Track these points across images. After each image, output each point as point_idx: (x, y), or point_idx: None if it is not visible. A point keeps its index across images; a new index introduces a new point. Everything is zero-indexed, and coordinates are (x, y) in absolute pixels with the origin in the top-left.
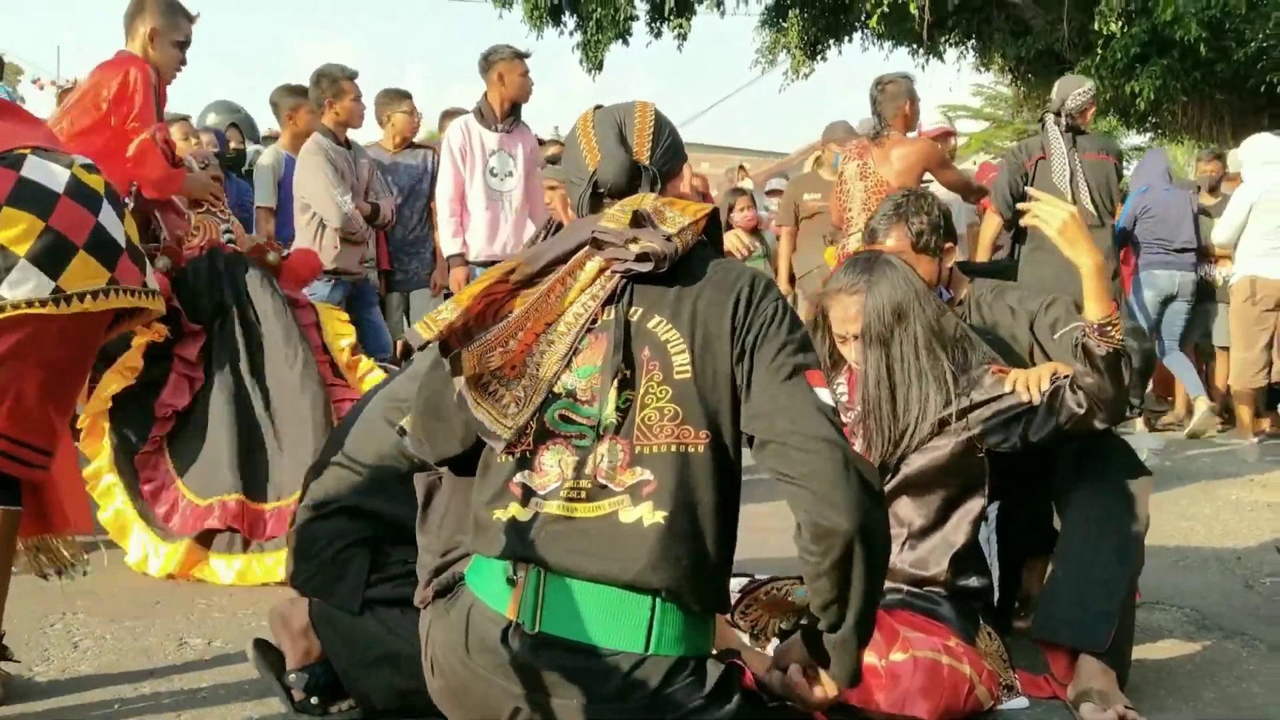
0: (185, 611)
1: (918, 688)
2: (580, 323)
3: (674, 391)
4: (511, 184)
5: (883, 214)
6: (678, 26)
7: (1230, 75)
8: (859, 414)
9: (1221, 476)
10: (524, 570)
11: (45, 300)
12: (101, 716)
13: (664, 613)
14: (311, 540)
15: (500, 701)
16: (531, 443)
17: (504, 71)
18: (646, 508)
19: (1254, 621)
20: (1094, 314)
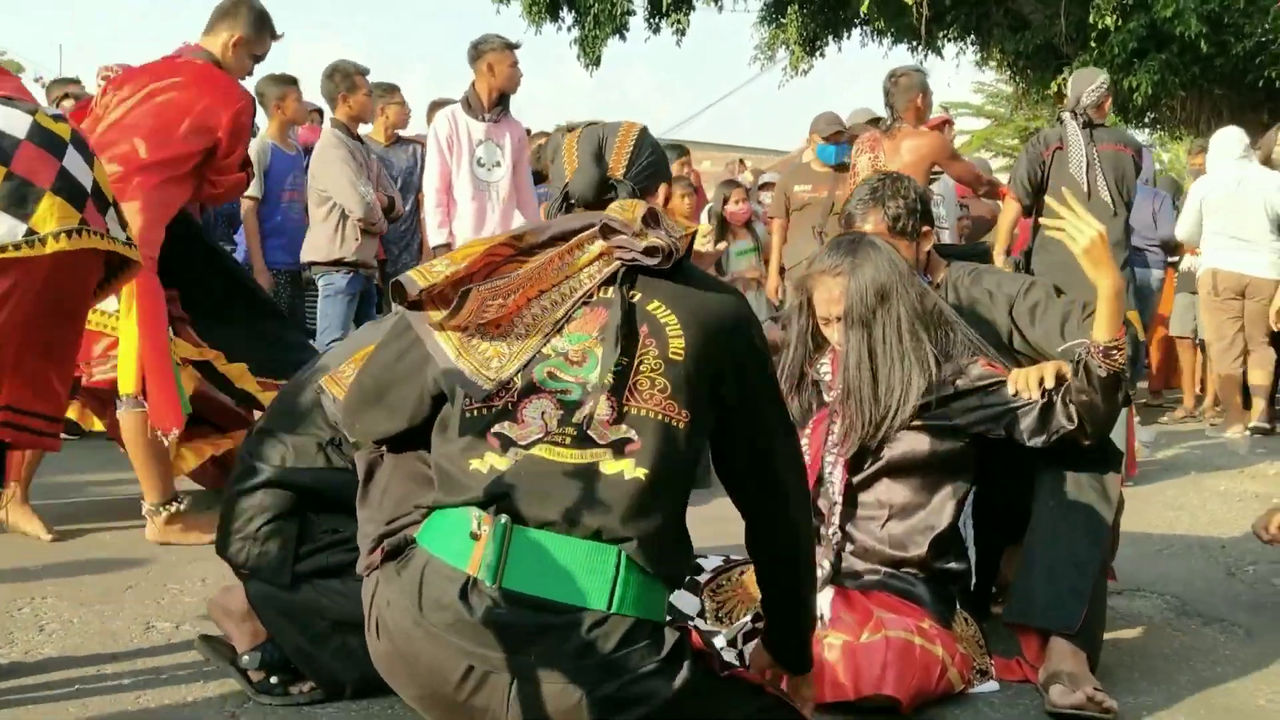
0: (156, 596)
1: (890, 667)
2: (575, 296)
3: (666, 368)
4: (499, 174)
5: (859, 198)
6: (676, 22)
7: (1229, 70)
8: (839, 395)
9: (1211, 468)
10: (488, 525)
11: (19, 243)
12: (60, 697)
13: (628, 572)
14: (237, 514)
15: (452, 662)
16: (515, 397)
17: (493, 62)
18: (628, 464)
19: (1234, 608)
20: (1102, 335)
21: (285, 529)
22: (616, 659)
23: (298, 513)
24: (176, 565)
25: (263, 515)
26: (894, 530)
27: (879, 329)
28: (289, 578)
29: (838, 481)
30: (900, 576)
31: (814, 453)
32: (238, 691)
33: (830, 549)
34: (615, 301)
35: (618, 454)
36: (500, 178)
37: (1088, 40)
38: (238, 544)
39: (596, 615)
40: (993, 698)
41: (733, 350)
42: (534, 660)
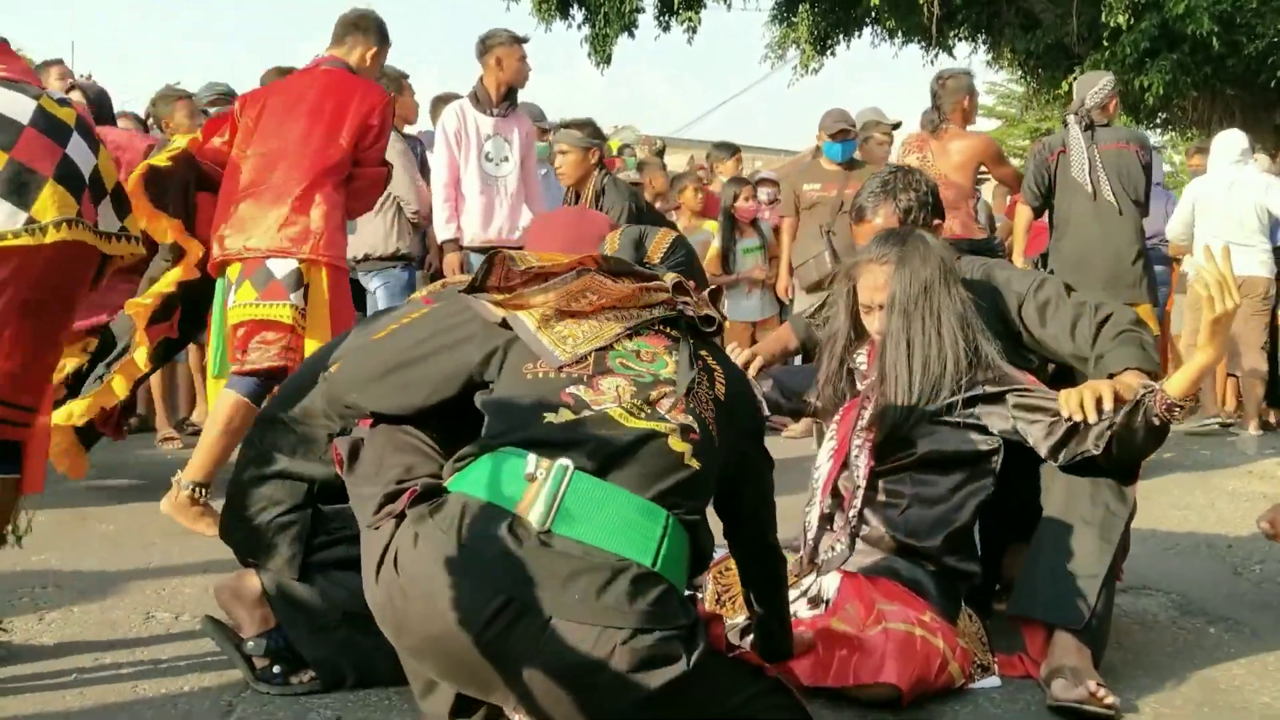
0: (156, 587)
1: (890, 657)
2: (644, 318)
3: (715, 400)
4: (507, 169)
5: (870, 191)
6: (686, 20)
7: (1241, 70)
8: (873, 382)
9: (1220, 467)
10: (545, 468)
11: (19, 231)
12: (58, 686)
13: (673, 536)
14: (248, 503)
15: (485, 596)
16: (590, 371)
17: (502, 56)
18: (688, 449)
19: (1239, 607)
20: (1176, 392)
21: (299, 522)
22: (655, 613)
23: (310, 505)
24: (178, 556)
25: (276, 507)
26: (911, 519)
27: (919, 320)
28: (298, 572)
29: (863, 466)
30: (910, 566)
31: (842, 437)
32: (235, 681)
33: (847, 531)
34: (682, 337)
35: (683, 437)
36: (508, 173)
37: (1099, 39)
38: (247, 534)
39: (641, 569)
40: (994, 693)
41: (752, 421)
42: (576, 599)
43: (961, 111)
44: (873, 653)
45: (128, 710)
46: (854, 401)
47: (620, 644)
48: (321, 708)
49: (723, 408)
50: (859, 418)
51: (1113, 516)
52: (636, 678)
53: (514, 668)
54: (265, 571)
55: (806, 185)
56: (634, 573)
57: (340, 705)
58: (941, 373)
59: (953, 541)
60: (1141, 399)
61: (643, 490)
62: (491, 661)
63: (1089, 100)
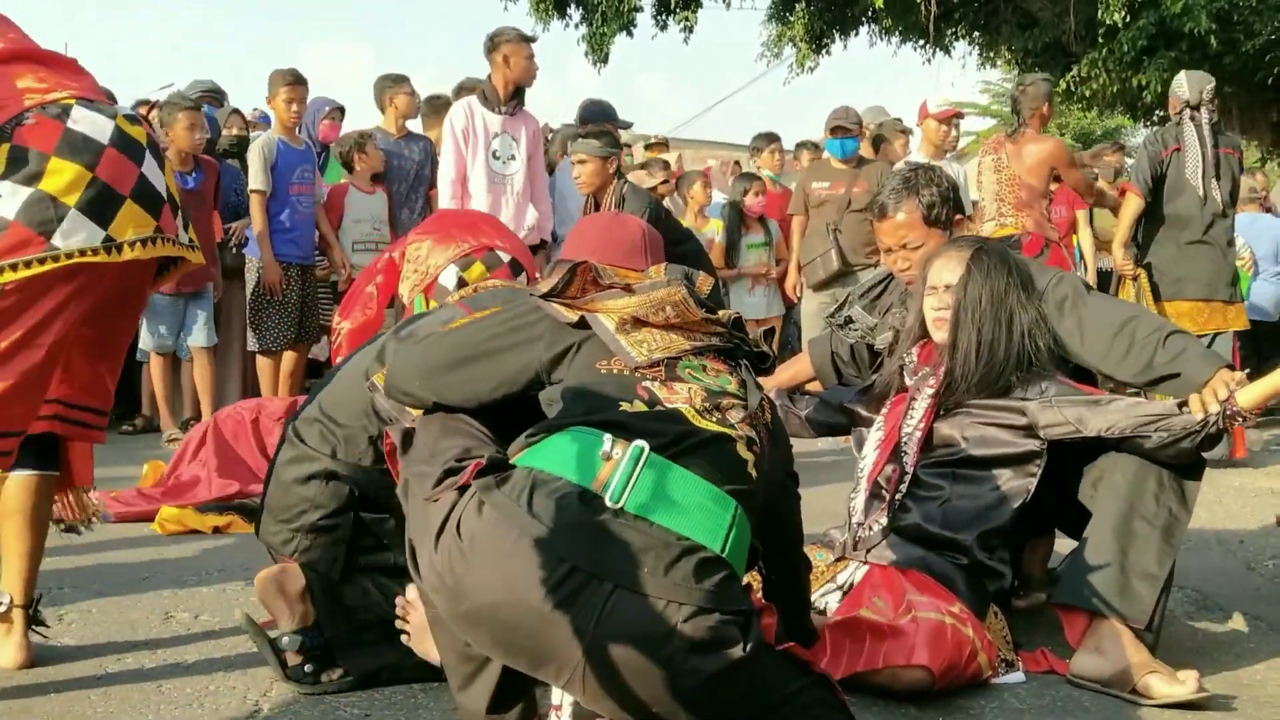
0: (174, 587)
1: (922, 643)
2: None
3: (765, 423)
4: (514, 167)
5: (891, 188)
6: (684, 19)
7: (1239, 68)
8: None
9: (1225, 464)
10: (623, 447)
11: (97, 249)
12: (82, 685)
13: (740, 527)
14: (288, 503)
15: (553, 562)
16: (663, 376)
17: (509, 54)
18: (751, 460)
19: (1255, 602)
20: (1245, 402)
21: (342, 526)
22: (720, 593)
23: (351, 509)
24: (194, 558)
25: (318, 510)
26: (949, 512)
27: (991, 310)
28: (339, 574)
29: (912, 454)
30: (942, 560)
31: (891, 428)
32: (260, 680)
33: (888, 513)
34: (741, 366)
35: (748, 447)
36: (515, 171)
37: (1096, 37)
38: (288, 534)
39: (709, 553)
40: (1019, 689)
41: (788, 452)
42: (644, 572)
43: (1040, 117)
44: (904, 637)
45: (153, 710)
46: (902, 396)
47: (682, 621)
48: (348, 706)
49: (771, 435)
50: (909, 409)
51: (1175, 521)
52: (695, 657)
53: (573, 638)
54: (310, 570)
55: (815, 184)
56: (702, 555)
57: (367, 704)
58: (1005, 360)
59: (987, 539)
60: (1221, 414)
61: (720, 481)
62: (551, 630)
63: (1205, 95)
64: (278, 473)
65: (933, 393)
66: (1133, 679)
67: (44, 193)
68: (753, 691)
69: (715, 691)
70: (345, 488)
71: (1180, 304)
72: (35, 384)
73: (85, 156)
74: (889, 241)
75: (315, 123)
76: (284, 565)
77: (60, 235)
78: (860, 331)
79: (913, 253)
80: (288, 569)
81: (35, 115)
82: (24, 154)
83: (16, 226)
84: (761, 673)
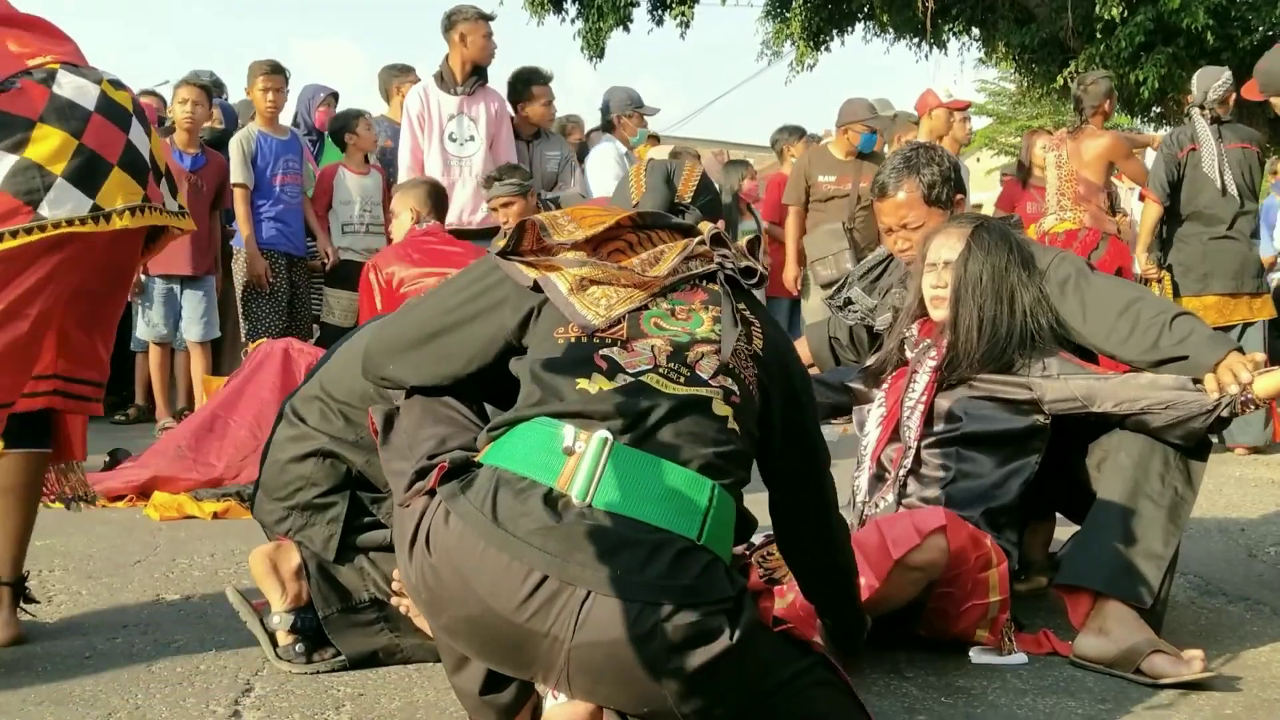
0: (165, 570)
1: (931, 516)
2: (676, 276)
3: (753, 353)
4: (472, 149)
5: (892, 167)
6: (680, 15)
7: (1236, 64)
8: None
9: (1225, 454)
10: (585, 440)
11: (85, 218)
12: (71, 665)
13: (719, 507)
14: (284, 482)
15: (523, 572)
16: (624, 334)
17: (466, 32)
18: (731, 412)
19: (1258, 587)
20: (1261, 390)
21: (337, 505)
22: (699, 587)
23: (349, 488)
24: (185, 541)
25: (314, 488)
26: (954, 492)
27: (992, 286)
28: (334, 553)
29: (914, 429)
30: None
31: (892, 404)
32: (251, 660)
33: (895, 489)
34: (723, 293)
35: (725, 400)
36: (473, 153)
37: (1094, 33)
38: (283, 511)
39: (686, 543)
40: (1021, 670)
41: (792, 377)
42: (618, 574)
43: (1102, 114)
44: (907, 519)
45: (143, 689)
46: (902, 370)
47: (662, 620)
48: (341, 685)
49: (762, 364)
50: (910, 383)
51: (1181, 501)
52: (679, 655)
53: (552, 646)
54: (305, 548)
55: (821, 176)
56: (678, 546)
57: (360, 683)
58: (1008, 336)
59: (994, 518)
60: (1237, 400)
61: (687, 459)
62: (529, 640)
63: (1212, 94)
64: (274, 451)
65: (934, 365)
66: (1137, 659)
67: (30, 161)
68: (746, 678)
69: (704, 683)
70: (343, 466)
71: (1207, 299)
72: (22, 354)
73: (72, 123)
74: (889, 221)
75: (311, 110)
76: (279, 543)
77: (47, 204)
78: (860, 313)
79: (913, 232)
80: (282, 546)
81: (21, 80)
82: (9, 120)
83: (4, 196)
84: (754, 659)
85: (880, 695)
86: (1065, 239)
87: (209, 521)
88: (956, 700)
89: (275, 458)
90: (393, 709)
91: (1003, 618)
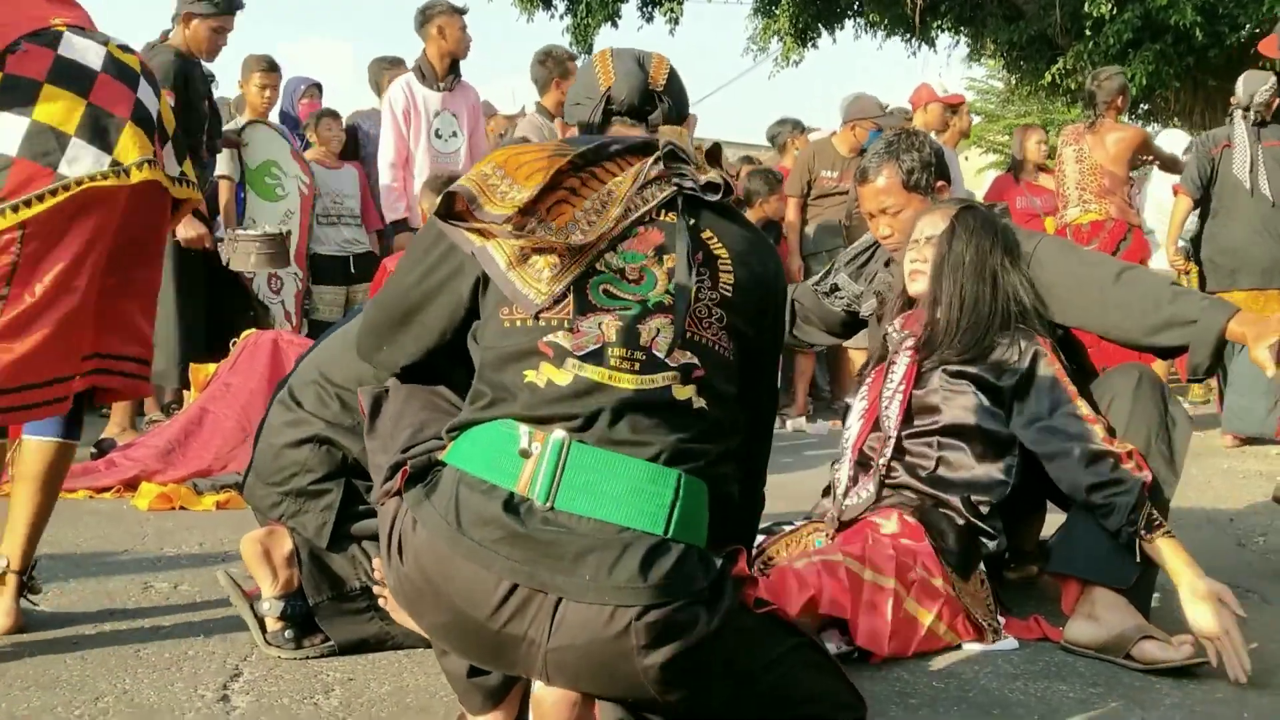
0: (153, 558)
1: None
2: (631, 214)
3: (720, 300)
4: (456, 144)
5: (874, 152)
6: (669, 11)
7: (1223, 61)
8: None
9: (1213, 445)
10: (541, 441)
11: (106, 173)
12: (59, 651)
13: (687, 497)
14: (279, 468)
15: (493, 581)
16: (570, 313)
17: (443, 25)
18: (692, 390)
19: (1248, 576)
20: None
21: (332, 492)
22: (669, 584)
23: (344, 475)
24: (173, 531)
25: (309, 475)
26: (936, 480)
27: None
28: (327, 541)
29: (894, 418)
30: (936, 512)
31: (873, 398)
32: (240, 645)
33: (875, 480)
34: (681, 227)
35: (685, 379)
36: (457, 148)
37: (1082, 30)
38: (276, 497)
39: (653, 539)
40: (1012, 655)
41: (772, 296)
42: (586, 579)
43: (1115, 109)
44: (788, 584)
45: (130, 674)
46: (882, 368)
47: (635, 619)
48: (331, 671)
49: (729, 302)
50: (890, 370)
51: (1163, 483)
52: (656, 651)
53: (530, 649)
54: (298, 534)
55: (824, 171)
56: (646, 544)
57: (350, 669)
58: (990, 315)
59: (974, 504)
60: None
61: (649, 452)
62: (506, 644)
63: (1259, 97)
64: (268, 435)
65: (913, 346)
66: (1127, 645)
67: (42, 124)
68: (729, 664)
69: (685, 675)
70: (338, 453)
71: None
72: (76, 328)
73: (78, 83)
74: (870, 206)
75: (294, 103)
76: (271, 528)
77: (66, 164)
78: (846, 299)
79: (894, 218)
80: (275, 531)
81: (26, 44)
82: (16, 82)
83: (22, 163)
84: (736, 644)
85: (871, 679)
86: (1091, 230)
87: (197, 512)
88: (948, 684)
89: (270, 441)
90: (382, 693)
91: (957, 621)
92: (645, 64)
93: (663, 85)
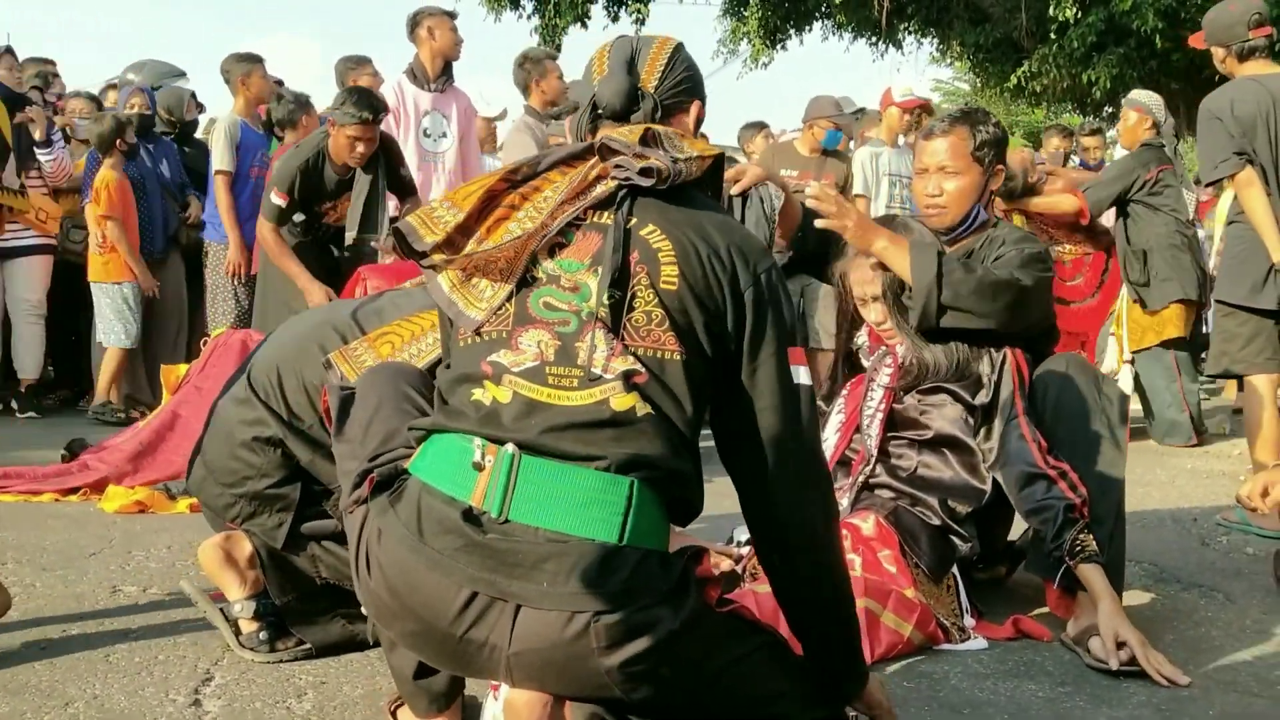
0: (121, 562)
1: None
2: (563, 215)
3: (659, 297)
4: (445, 145)
5: (949, 114)
6: (636, 12)
7: (1185, 65)
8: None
9: (1177, 447)
10: (493, 455)
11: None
12: (27, 656)
13: (640, 503)
14: (234, 469)
15: (454, 590)
16: (509, 325)
17: (434, 26)
18: (635, 397)
19: (1211, 574)
20: None
21: (288, 496)
22: (626, 589)
23: (299, 479)
24: (140, 534)
25: (265, 479)
26: (914, 480)
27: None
28: (282, 543)
29: (875, 435)
30: (911, 513)
31: (852, 410)
32: (211, 649)
33: (853, 489)
34: (610, 227)
35: (626, 387)
36: (447, 148)
37: (1047, 33)
38: (230, 498)
39: (608, 547)
40: (982, 654)
41: (733, 282)
42: (543, 587)
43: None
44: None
45: (100, 679)
46: (860, 378)
47: (593, 622)
48: (304, 674)
49: (672, 297)
50: (869, 390)
51: (1113, 462)
52: (617, 652)
53: (492, 653)
54: (255, 536)
55: (784, 170)
56: (601, 552)
57: (323, 671)
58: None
59: (951, 511)
60: None
61: (601, 464)
62: (470, 650)
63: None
64: (223, 424)
65: (888, 385)
66: (1085, 639)
67: None
68: (692, 663)
69: (648, 675)
70: (291, 456)
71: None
72: None
73: None
74: (928, 161)
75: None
76: (228, 533)
77: None
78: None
79: (948, 178)
80: (233, 536)
81: None
82: None
83: None
84: (700, 643)
85: None
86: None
87: (165, 515)
88: (919, 684)
89: (225, 438)
90: (355, 696)
91: (930, 627)
92: (638, 63)
93: (653, 85)
